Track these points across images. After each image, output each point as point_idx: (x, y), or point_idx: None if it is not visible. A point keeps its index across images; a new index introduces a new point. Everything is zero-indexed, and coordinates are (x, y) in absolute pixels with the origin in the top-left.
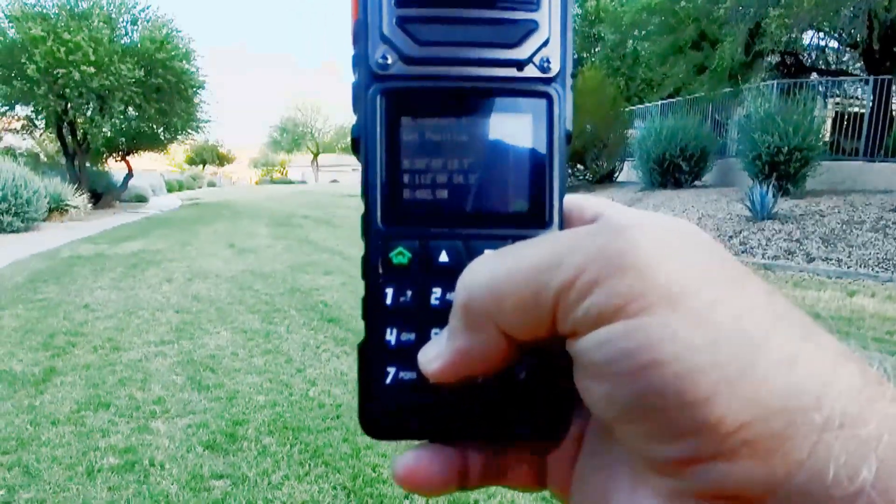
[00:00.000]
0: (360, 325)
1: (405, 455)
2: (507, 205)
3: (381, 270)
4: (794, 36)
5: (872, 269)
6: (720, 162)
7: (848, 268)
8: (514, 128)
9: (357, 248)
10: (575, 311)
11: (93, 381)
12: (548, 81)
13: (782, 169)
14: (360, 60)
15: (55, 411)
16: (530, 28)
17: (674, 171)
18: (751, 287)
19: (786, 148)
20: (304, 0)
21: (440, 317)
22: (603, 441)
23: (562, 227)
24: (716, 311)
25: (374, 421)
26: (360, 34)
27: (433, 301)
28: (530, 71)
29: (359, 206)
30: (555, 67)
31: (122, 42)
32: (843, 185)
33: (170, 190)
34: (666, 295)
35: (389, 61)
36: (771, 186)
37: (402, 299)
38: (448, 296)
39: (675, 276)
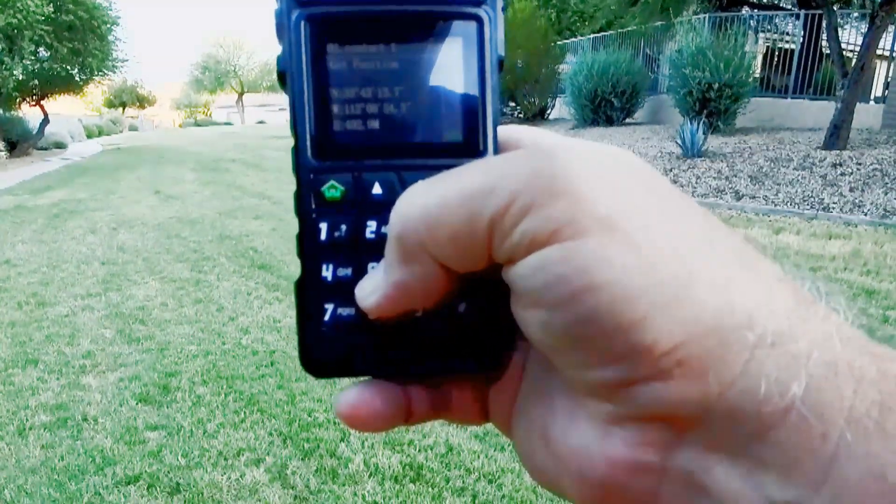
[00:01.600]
0: (292, 271)
1: (347, 392)
2: (441, 134)
3: (313, 205)
4: None
5: (799, 207)
6: (652, 98)
7: (775, 205)
8: (444, 53)
9: (287, 192)
10: (510, 237)
11: (19, 338)
12: (478, 3)
13: (713, 106)
14: None
15: None
16: None
17: (606, 107)
18: (686, 211)
19: (717, 84)
20: None
21: (377, 250)
22: (542, 372)
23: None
24: (650, 235)
25: (314, 359)
26: None
27: (368, 234)
28: None
29: (288, 148)
30: None
31: None
32: (773, 123)
33: (89, 135)
34: (600, 219)
35: None
36: (701, 123)
37: (336, 234)
38: (383, 229)
39: (609, 201)
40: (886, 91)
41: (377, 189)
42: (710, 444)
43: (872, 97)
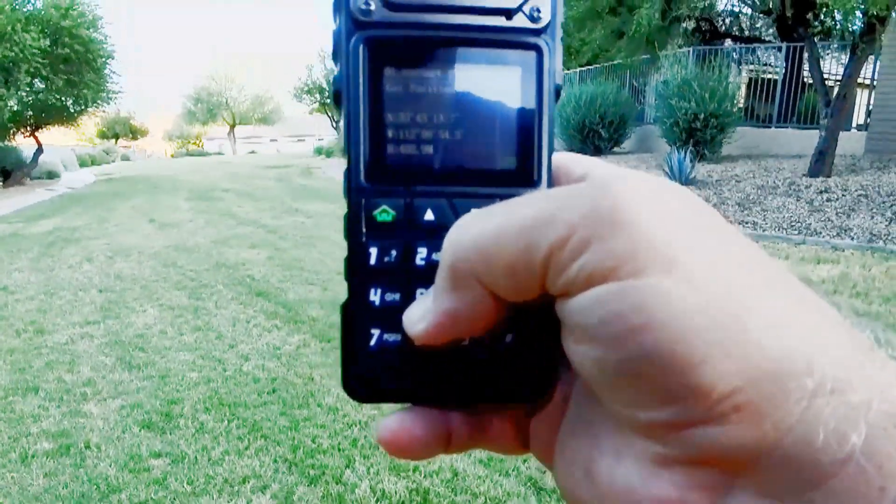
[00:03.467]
0: (290, 298)
1: (388, 418)
2: (495, 162)
3: (364, 229)
4: (709, 2)
5: (786, 232)
6: (639, 129)
7: (763, 231)
8: (502, 81)
9: (281, 221)
10: (567, 270)
11: (18, 365)
12: (538, 32)
13: (699, 135)
14: (341, 6)
15: None
16: None
17: (594, 137)
18: (746, 251)
19: (702, 114)
20: None
21: (426, 277)
22: (588, 405)
23: (550, 185)
24: (710, 274)
25: (357, 384)
26: None
27: (418, 261)
28: (520, 20)
29: (280, 178)
30: (545, 17)
31: (25, 10)
32: (758, 150)
33: (82, 165)
34: (660, 256)
35: (372, 7)
36: (688, 152)
37: (386, 259)
38: (434, 255)
39: (669, 238)
40: (868, 118)
41: (429, 215)
42: (763, 490)
43: (855, 124)
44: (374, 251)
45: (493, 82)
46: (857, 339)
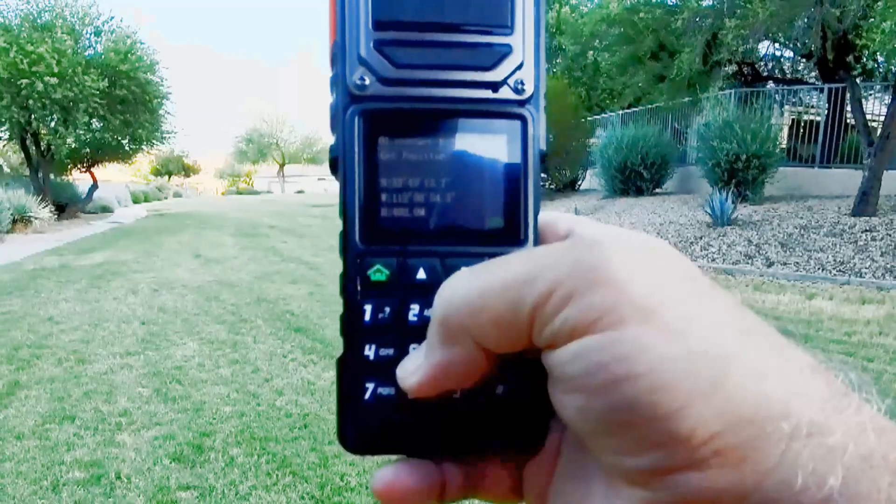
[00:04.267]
0: (328, 334)
1: (383, 470)
2: (484, 223)
3: (359, 287)
4: (750, 46)
5: (830, 273)
6: (680, 169)
7: (806, 271)
8: (489, 148)
9: (322, 258)
10: (551, 323)
11: (58, 394)
12: (522, 103)
13: (741, 175)
14: (338, 81)
15: (19, 425)
16: (505, 52)
17: (635, 178)
18: (720, 302)
19: (744, 155)
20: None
21: (418, 333)
22: (579, 452)
23: (537, 244)
24: (687, 325)
25: (352, 436)
26: (339, 56)
27: (411, 317)
28: (505, 93)
29: (324, 216)
30: (529, 89)
31: (86, 53)
32: (801, 191)
33: (135, 201)
34: (639, 309)
35: (367, 82)
36: (730, 193)
37: (380, 316)
38: (426, 312)
39: (647, 291)
40: None
41: (421, 274)
42: None
43: None
44: (368, 308)
45: (481, 149)
46: (833, 385)
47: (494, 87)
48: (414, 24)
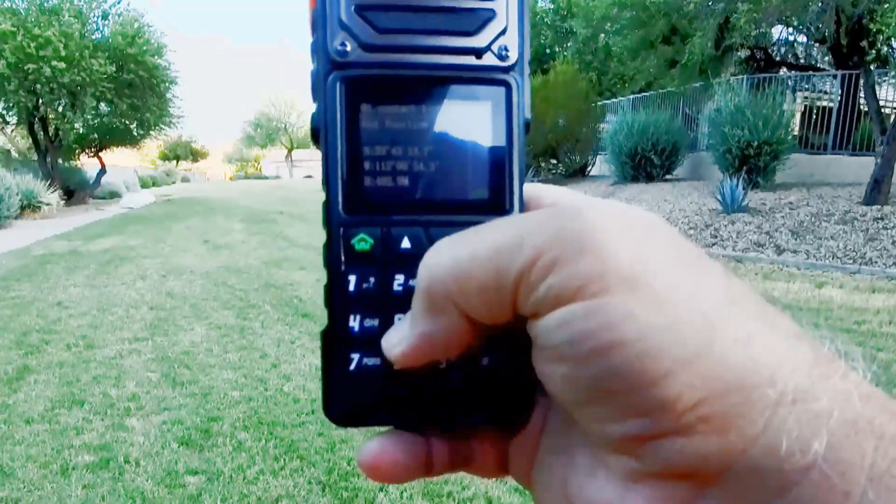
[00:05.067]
0: None
1: (370, 443)
2: (468, 192)
3: (343, 258)
4: (762, 31)
5: (841, 261)
6: (691, 156)
7: (817, 259)
8: (473, 115)
9: None
10: (535, 291)
11: (66, 378)
12: (506, 70)
13: (752, 162)
14: (319, 48)
15: (29, 409)
16: (488, 17)
17: (646, 164)
18: (707, 269)
19: (755, 142)
20: None
21: (403, 303)
22: (563, 426)
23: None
24: (673, 293)
25: (337, 408)
26: (319, 22)
27: (396, 287)
28: (489, 59)
29: None
30: (513, 56)
31: (94, 37)
32: (812, 179)
33: (143, 186)
34: (625, 276)
35: (348, 48)
36: (741, 180)
37: (364, 286)
38: (410, 282)
39: (632, 259)
40: None
41: (405, 243)
42: (731, 499)
43: None
44: (352, 279)
45: (464, 117)
46: (819, 352)
47: (478, 53)
48: None
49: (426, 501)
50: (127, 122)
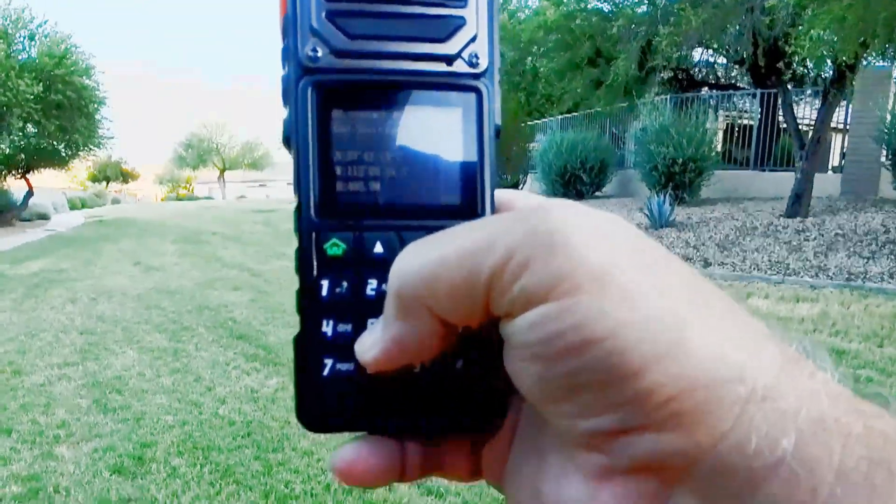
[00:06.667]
0: (271, 341)
1: (343, 448)
2: (440, 197)
3: (315, 263)
4: (684, 53)
5: (765, 273)
6: (619, 173)
7: (742, 271)
8: (445, 121)
9: (266, 265)
10: (508, 292)
11: None
12: (477, 76)
13: (678, 179)
14: (290, 54)
15: None
16: (459, 24)
17: (575, 182)
18: (675, 269)
19: (680, 159)
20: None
21: (377, 307)
22: (535, 428)
23: None
24: (644, 291)
25: (311, 414)
26: (290, 28)
27: (369, 292)
28: (459, 66)
29: (267, 222)
30: (483, 63)
31: (20, 58)
32: (736, 193)
33: (72, 207)
34: (595, 276)
35: (319, 54)
36: (668, 196)
37: (337, 290)
38: (383, 286)
39: (602, 258)
40: (843, 161)
41: (378, 248)
42: (700, 496)
43: (830, 167)
44: (325, 284)
45: (436, 122)
46: (787, 351)
47: (449, 59)
48: None
49: None
50: (55, 143)
